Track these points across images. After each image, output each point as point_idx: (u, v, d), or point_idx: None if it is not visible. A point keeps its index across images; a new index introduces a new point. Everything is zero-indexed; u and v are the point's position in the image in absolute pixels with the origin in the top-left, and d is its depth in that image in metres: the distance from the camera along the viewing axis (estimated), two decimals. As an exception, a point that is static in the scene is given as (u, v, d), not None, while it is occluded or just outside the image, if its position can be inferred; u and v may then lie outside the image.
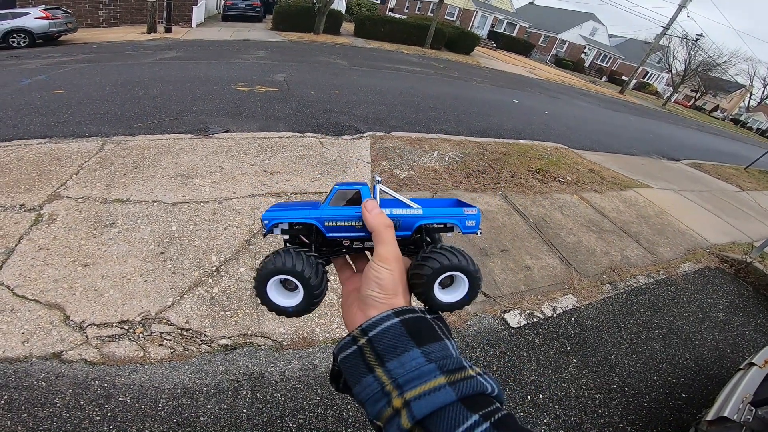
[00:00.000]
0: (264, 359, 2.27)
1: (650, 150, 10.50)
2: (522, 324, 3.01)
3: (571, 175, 6.20)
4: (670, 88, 39.42)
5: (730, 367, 3.23)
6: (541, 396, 2.56)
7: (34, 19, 11.82)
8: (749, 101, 50.78)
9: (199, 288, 2.60)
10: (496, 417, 0.36)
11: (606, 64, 47.79)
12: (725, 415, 1.97)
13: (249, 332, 2.38)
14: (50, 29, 12.15)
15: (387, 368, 0.40)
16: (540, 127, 9.25)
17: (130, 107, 5.87)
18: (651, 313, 3.66)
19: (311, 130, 5.65)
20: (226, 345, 2.30)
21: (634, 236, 4.97)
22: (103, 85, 7.12)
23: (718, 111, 50.03)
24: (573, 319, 3.28)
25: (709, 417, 2.04)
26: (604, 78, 44.11)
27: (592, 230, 4.73)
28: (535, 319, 3.09)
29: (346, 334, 0.47)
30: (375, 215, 0.50)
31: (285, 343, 2.35)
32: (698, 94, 44.01)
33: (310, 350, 2.35)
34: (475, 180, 4.98)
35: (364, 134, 5.73)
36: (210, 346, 2.30)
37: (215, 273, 2.72)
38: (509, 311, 3.06)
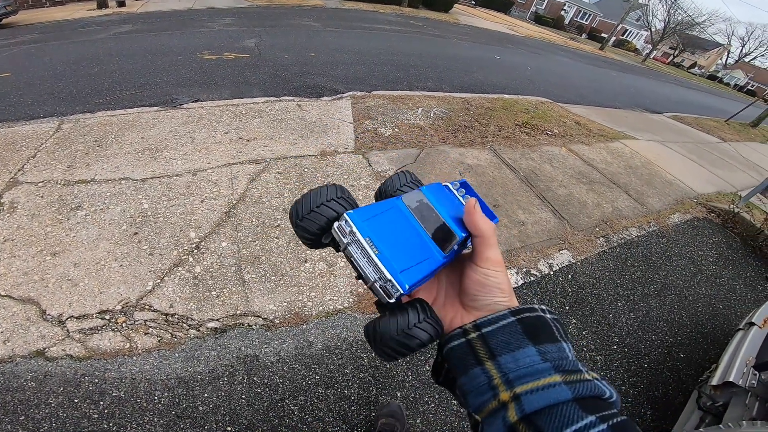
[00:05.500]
0: (257, 340, 2.14)
1: (633, 103, 10.47)
2: (519, 284, 2.94)
3: (557, 128, 6.08)
4: (649, 46, 39.78)
5: (724, 325, 3.29)
6: None
7: (-34, 4, 10.57)
8: (727, 59, 51.74)
9: (180, 268, 2.41)
10: (615, 420, 0.33)
11: (586, 21, 47.43)
12: (731, 380, 1.94)
13: (238, 312, 2.23)
14: (-14, 13, 10.93)
15: (498, 362, 0.39)
16: (524, 82, 9.02)
17: (86, 84, 5.39)
18: (645, 268, 3.65)
19: (288, 93, 5.31)
20: (216, 328, 2.15)
21: (623, 187, 4.94)
22: (53, 64, 6.49)
23: (696, 68, 50.66)
24: (569, 276, 3.23)
25: (714, 381, 2.01)
26: (584, 35, 43.63)
27: (582, 182, 4.66)
28: (532, 278, 3.02)
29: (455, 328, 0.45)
30: (482, 217, 0.45)
31: (277, 321, 2.21)
32: (677, 52, 44.49)
33: (304, 327, 2.22)
34: (462, 135, 4.80)
35: (344, 95, 5.42)
36: (198, 330, 2.15)
37: (195, 250, 2.53)
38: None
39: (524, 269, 3.05)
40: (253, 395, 1.94)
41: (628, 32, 49.92)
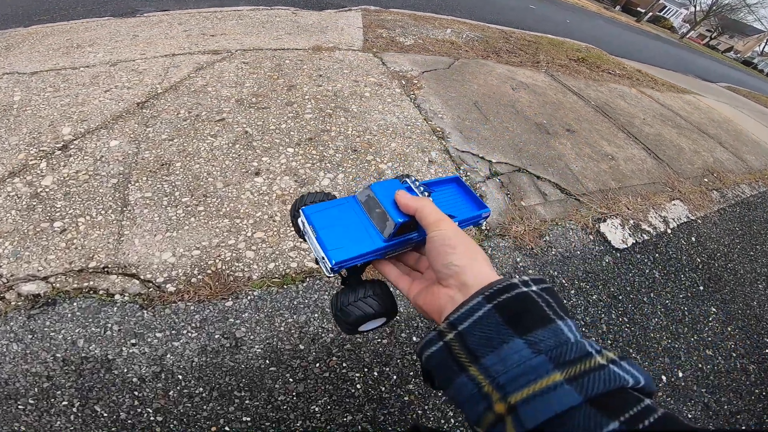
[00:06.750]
0: (117, 328, 0.92)
1: (682, 70, 8.86)
2: (629, 243, 1.67)
3: (619, 70, 4.65)
4: (686, 24, 36.91)
5: None
6: (680, 374, 1.42)
7: None
8: (765, 46, 48.16)
9: (16, 179, 1.20)
10: (649, 421, 0.23)
11: (622, -8, 43.80)
12: None
13: (92, 265, 1.01)
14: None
15: (482, 365, 0.28)
16: (564, 32, 7.45)
17: (39, 4, 4.13)
18: (774, 237, 2.43)
19: (282, 4, 3.96)
20: (36, 295, 0.95)
21: (715, 138, 3.62)
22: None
23: (732, 52, 46.84)
24: (693, 238, 1.98)
25: None
26: (617, 7, 40.22)
27: (669, 125, 3.35)
28: (645, 236, 1.77)
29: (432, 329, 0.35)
30: (410, 199, 0.41)
31: (171, 288, 0.99)
32: (714, 34, 41.11)
33: (229, 304, 0.99)
34: (506, 57, 3.44)
35: (354, 8, 4.02)
36: (1, 298, 0.95)
37: (59, 152, 1.31)
38: (605, 220, 1.71)
39: (631, 221, 1.78)
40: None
41: (666, 9, 46.09)
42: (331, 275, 0.44)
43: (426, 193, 0.48)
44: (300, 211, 0.47)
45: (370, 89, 1.98)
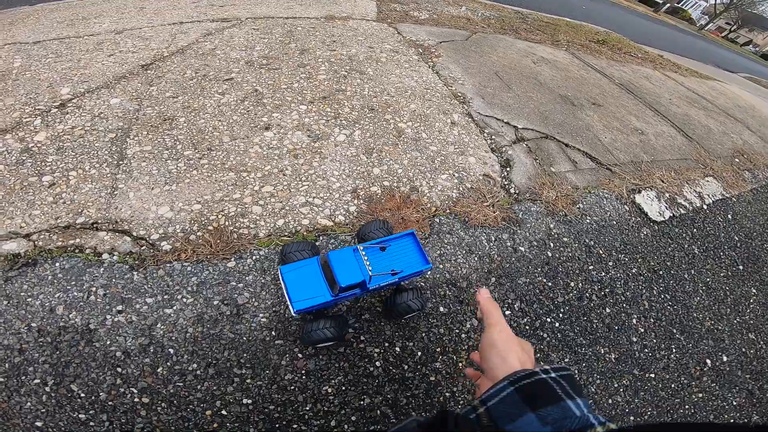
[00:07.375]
0: (100, 292, 0.80)
1: (702, 59, 8.44)
2: (666, 216, 1.51)
3: (641, 54, 4.39)
4: (705, 16, 34.99)
5: None
6: (725, 358, 1.27)
7: None
8: None
9: (8, 136, 1.09)
10: None
11: (638, -19, 41.93)
12: None
13: (80, 221, 0.90)
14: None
15: None
16: (580, 17, 7.14)
17: None
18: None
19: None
20: (16, 255, 0.83)
21: (742, 122, 3.38)
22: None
23: (751, 45, 44.60)
24: (729, 216, 1.80)
25: None
26: None
27: (696, 107, 3.13)
28: (681, 210, 1.60)
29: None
30: (486, 300, 0.53)
31: (167, 247, 0.87)
32: (734, 27, 39.01)
33: (231, 264, 0.87)
34: (525, 34, 3.23)
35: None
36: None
37: (54, 110, 1.19)
38: (639, 191, 1.55)
39: (667, 194, 1.61)
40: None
41: (684, 0, 44.06)
42: (296, 316, 0.70)
43: (380, 248, 0.74)
44: (279, 268, 0.73)
45: (386, 55, 1.82)
